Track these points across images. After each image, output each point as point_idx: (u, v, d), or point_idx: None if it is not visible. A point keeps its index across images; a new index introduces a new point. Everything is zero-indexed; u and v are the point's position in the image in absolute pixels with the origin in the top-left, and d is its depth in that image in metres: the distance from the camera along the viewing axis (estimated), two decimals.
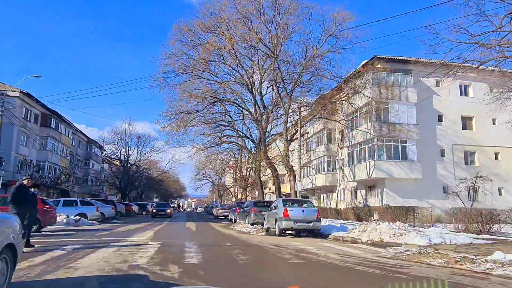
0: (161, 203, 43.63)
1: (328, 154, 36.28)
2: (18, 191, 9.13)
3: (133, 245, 10.13)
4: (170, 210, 34.88)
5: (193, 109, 25.19)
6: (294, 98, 24.42)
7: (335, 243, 12.30)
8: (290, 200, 16.82)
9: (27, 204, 9.27)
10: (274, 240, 12.78)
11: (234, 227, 18.99)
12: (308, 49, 23.33)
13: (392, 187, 27.24)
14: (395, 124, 27.04)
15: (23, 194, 9.21)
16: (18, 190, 9.14)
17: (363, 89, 25.36)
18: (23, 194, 9.23)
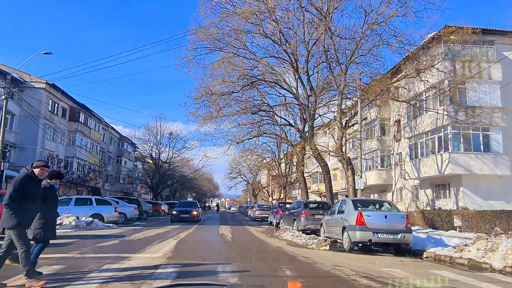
0: (184, 202, 29.67)
1: (382, 148, 31.32)
2: (21, 186, 5.32)
3: (133, 277, 6.20)
4: (196, 212, 23.87)
5: (228, 90, 21.23)
6: (350, 76, 19.85)
7: (450, 270, 7.82)
8: (361, 200, 12.40)
9: (35, 205, 5.54)
10: (352, 261, 8.48)
11: (281, 234, 14.81)
12: (368, 14, 18.69)
13: (470, 185, 22.01)
14: (475, 107, 21.74)
15: (28, 190, 5.39)
16: (21, 184, 5.34)
17: (432, 66, 20.31)
18: (29, 190, 5.40)
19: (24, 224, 5.33)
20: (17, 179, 5.38)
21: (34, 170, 5.57)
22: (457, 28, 19.76)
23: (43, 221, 6.03)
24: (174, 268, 6.80)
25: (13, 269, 5.82)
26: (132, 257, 8.13)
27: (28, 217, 5.40)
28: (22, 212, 5.25)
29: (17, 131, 31.08)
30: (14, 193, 5.22)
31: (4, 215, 5.26)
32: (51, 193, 6.32)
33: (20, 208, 5.22)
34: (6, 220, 5.24)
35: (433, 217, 20.12)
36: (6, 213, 5.21)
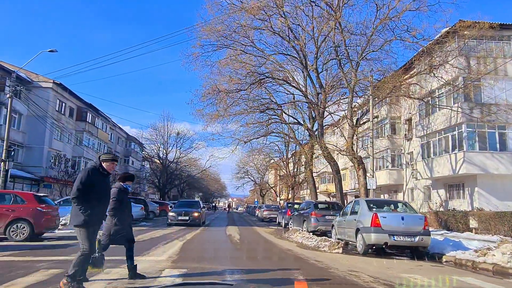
0: (184, 201, 23.81)
1: (392, 147, 30.64)
2: (89, 179, 4.83)
3: (134, 283, 5.79)
4: (198, 213, 19.44)
5: (235, 88, 20.77)
6: (360, 73, 19.27)
7: (475, 276, 7.27)
8: (376, 201, 11.85)
9: (103, 200, 5.11)
10: (369, 266, 7.96)
11: (290, 236, 14.31)
12: (380, 8, 18.10)
13: (486, 185, 21.26)
14: (491, 105, 20.99)
15: (96, 184, 4.89)
16: (89, 177, 4.85)
17: (446, 62, 19.61)
18: (97, 184, 4.90)
19: (92, 222, 4.80)
20: (84, 173, 4.91)
21: (102, 163, 5.08)
22: (472, 22, 19.06)
23: (120, 227, 5.84)
24: (179, 272, 6.37)
25: None
26: (135, 260, 7.70)
27: (96, 213, 4.88)
28: (91, 207, 4.76)
29: (25, 130, 31.03)
30: (82, 186, 4.74)
31: (73, 211, 4.84)
32: (126, 196, 6.04)
33: (88, 203, 4.75)
34: (74, 216, 4.81)
35: (448, 218, 19.43)
36: (75, 208, 4.80)
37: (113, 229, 5.78)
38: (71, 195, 4.85)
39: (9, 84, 20.57)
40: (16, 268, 6.46)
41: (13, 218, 10.69)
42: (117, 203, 5.77)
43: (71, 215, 4.91)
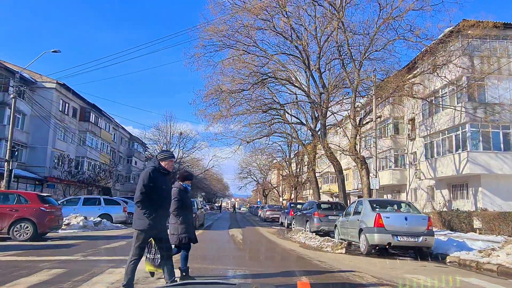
0: None
1: (395, 147, 30.53)
2: (151, 180, 4.66)
3: (137, 283, 5.77)
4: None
5: (238, 88, 20.76)
6: (363, 73, 19.22)
7: (479, 277, 7.22)
8: (379, 201, 11.79)
9: (166, 202, 5.01)
10: (372, 266, 7.92)
11: (293, 236, 14.29)
12: (383, 8, 18.04)
13: (490, 186, 21.14)
14: (494, 105, 20.87)
15: (158, 185, 4.73)
16: (151, 179, 4.66)
17: (450, 61, 19.52)
18: (159, 185, 4.74)
19: (155, 226, 4.64)
20: (145, 175, 4.67)
21: (161, 162, 4.88)
22: (476, 22, 18.96)
23: (185, 225, 5.70)
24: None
25: None
26: None
27: (160, 216, 4.72)
28: (154, 210, 4.61)
29: (28, 131, 31.17)
30: (145, 188, 4.56)
31: (136, 216, 4.68)
32: (186, 195, 5.99)
33: (151, 206, 4.59)
34: (138, 220, 4.64)
35: (451, 218, 19.34)
36: (138, 213, 4.63)
37: (179, 228, 5.66)
38: (135, 199, 4.64)
39: (13, 85, 20.65)
40: (20, 268, 6.48)
41: (17, 218, 10.73)
42: (179, 203, 5.72)
43: (134, 218, 4.75)
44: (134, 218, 4.77)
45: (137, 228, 4.68)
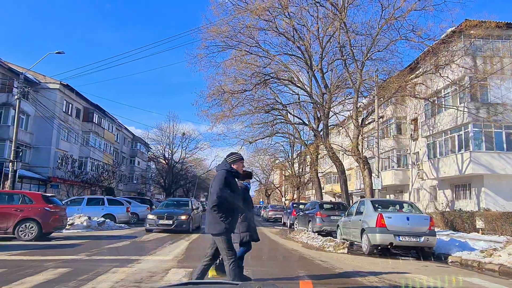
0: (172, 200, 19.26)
1: (398, 147, 30.52)
2: (227, 184, 4.64)
3: (140, 282, 5.88)
4: (187, 217, 14.64)
5: (240, 88, 20.86)
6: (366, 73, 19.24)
7: (480, 276, 7.25)
8: (381, 201, 11.83)
9: (239, 205, 4.95)
10: (374, 266, 7.97)
11: (295, 236, 14.34)
12: (385, 8, 18.07)
13: (493, 186, 21.11)
14: (497, 105, 20.85)
15: (232, 189, 4.74)
16: (227, 182, 4.65)
17: (452, 61, 19.51)
18: (233, 189, 4.76)
19: (231, 229, 4.68)
20: (220, 177, 4.62)
21: (232, 165, 4.80)
22: (479, 22, 18.96)
23: (247, 223, 5.67)
24: (185, 272, 6.44)
25: None
26: (142, 259, 7.81)
27: (234, 220, 4.76)
28: (230, 214, 4.61)
29: (32, 131, 31.37)
30: (222, 193, 4.51)
31: (211, 220, 4.61)
32: (247, 194, 5.98)
33: (227, 210, 4.58)
34: (214, 225, 4.57)
35: (454, 218, 19.34)
36: (213, 217, 4.57)
37: (241, 226, 5.57)
38: (211, 204, 4.58)
39: (17, 86, 20.80)
40: (25, 267, 6.57)
41: (22, 218, 10.84)
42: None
43: (208, 223, 4.69)
44: (208, 223, 4.69)
45: (214, 232, 4.62)
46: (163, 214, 14.43)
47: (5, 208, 10.92)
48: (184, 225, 14.34)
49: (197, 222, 16.60)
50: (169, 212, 14.77)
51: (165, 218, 14.22)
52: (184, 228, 14.31)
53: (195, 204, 17.36)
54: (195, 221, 16.00)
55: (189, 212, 15.00)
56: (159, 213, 14.69)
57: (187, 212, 14.98)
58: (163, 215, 14.38)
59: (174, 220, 14.18)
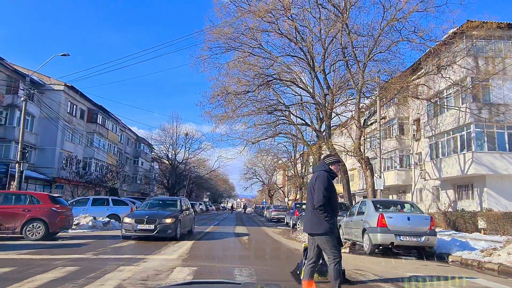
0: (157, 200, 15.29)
1: (400, 148, 30.60)
2: (330, 185, 4.77)
3: (147, 279, 6.05)
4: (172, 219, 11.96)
5: (243, 89, 21.04)
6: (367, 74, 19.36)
7: (479, 275, 7.38)
8: (382, 201, 11.97)
9: (337, 206, 5.04)
10: (374, 265, 8.11)
11: (298, 236, 14.52)
12: (387, 9, 18.18)
13: (495, 186, 21.18)
14: (499, 105, 20.92)
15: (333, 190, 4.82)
16: (329, 183, 4.78)
17: (454, 62, 19.59)
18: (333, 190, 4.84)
19: (335, 229, 4.70)
20: (324, 178, 4.72)
21: (330, 166, 4.87)
22: (480, 23, 19.04)
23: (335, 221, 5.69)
24: (189, 270, 6.61)
25: None
26: (147, 258, 8.00)
27: (335, 220, 4.79)
28: (334, 214, 4.69)
29: (37, 132, 31.71)
30: (327, 193, 4.60)
31: (314, 220, 4.66)
32: None
33: (331, 210, 4.64)
34: (317, 225, 4.62)
35: (456, 218, 19.40)
36: (317, 217, 4.62)
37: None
38: (316, 204, 4.59)
39: (23, 88, 21.07)
40: (34, 266, 6.77)
41: (29, 218, 11.07)
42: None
43: (311, 223, 4.72)
44: (310, 222, 4.73)
45: (319, 232, 4.65)
46: (143, 217, 11.71)
47: (13, 209, 11.16)
48: (170, 230, 11.61)
49: (187, 226, 13.84)
50: (151, 214, 12.05)
51: (146, 222, 11.54)
52: (169, 234, 11.61)
53: (186, 204, 14.56)
54: (185, 225, 13.38)
55: (176, 214, 12.30)
56: (138, 216, 11.93)
57: (174, 214, 12.23)
58: (143, 218, 11.68)
59: (156, 224, 11.50)
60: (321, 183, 4.66)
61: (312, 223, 4.71)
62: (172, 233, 11.70)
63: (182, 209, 13.30)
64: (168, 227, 11.60)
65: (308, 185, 5.00)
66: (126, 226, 11.69)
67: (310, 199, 4.77)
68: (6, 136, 28.16)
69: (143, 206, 14.06)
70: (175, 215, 12.16)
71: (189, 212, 14.37)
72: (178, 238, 11.92)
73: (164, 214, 12.03)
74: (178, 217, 12.14)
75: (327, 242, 4.60)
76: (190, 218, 14.41)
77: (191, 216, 14.86)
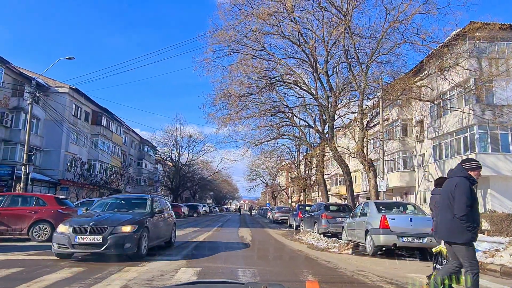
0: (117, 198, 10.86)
1: (404, 149, 30.57)
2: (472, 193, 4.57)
3: (152, 280, 6.17)
4: (132, 227, 7.84)
5: (246, 91, 21.19)
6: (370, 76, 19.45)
7: (481, 276, 7.39)
8: (385, 203, 12.02)
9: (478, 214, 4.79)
10: (377, 266, 8.20)
11: (301, 237, 14.58)
12: (389, 11, 18.25)
13: (499, 187, 21.14)
14: (503, 106, 20.90)
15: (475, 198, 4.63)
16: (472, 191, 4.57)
17: (457, 64, 19.64)
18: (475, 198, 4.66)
19: (476, 238, 4.56)
20: (466, 187, 4.50)
21: (470, 172, 4.66)
22: (483, 24, 19.08)
23: None
24: (194, 271, 6.71)
25: None
26: (152, 259, 8.11)
27: (477, 229, 4.60)
28: (476, 223, 4.51)
29: (42, 134, 31.99)
30: (470, 203, 4.42)
31: (454, 228, 4.46)
32: None
33: (473, 219, 4.46)
34: (459, 234, 4.41)
35: None
36: (458, 225, 4.41)
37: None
38: (458, 214, 4.39)
39: (29, 91, 21.32)
40: (42, 266, 6.91)
41: (36, 220, 11.23)
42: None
43: (451, 231, 4.54)
44: (449, 230, 4.57)
45: (459, 241, 4.47)
46: (86, 225, 7.75)
47: (20, 210, 11.33)
48: (128, 243, 7.66)
49: (163, 235, 9.94)
50: (99, 220, 7.99)
51: (90, 231, 7.59)
52: (127, 250, 7.67)
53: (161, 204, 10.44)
54: (159, 234, 9.48)
55: (141, 219, 8.40)
56: (79, 223, 7.92)
57: (137, 219, 8.29)
58: (86, 225, 7.71)
59: (106, 235, 7.53)
60: (462, 192, 4.45)
61: (451, 231, 4.54)
62: (132, 248, 7.71)
63: (153, 211, 9.25)
64: (125, 238, 7.62)
65: (445, 190, 4.79)
66: (60, 239, 7.69)
67: (447, 205, 4.58)
68: (12, 138, 28.43)
69: (97, 207, 9.86)
70: (138, 221, 8.19)
71: (166, 216, 10.28)
72: (144, 254, 8.13)
73: (121, 219, 8.09)
74: (144, 224, 8.27)
75: (468, 252, 4.44)
76: (167, 224, 10.37)
77: (170, 220, 10.87)
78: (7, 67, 27.26)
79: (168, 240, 10.53)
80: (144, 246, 8.20)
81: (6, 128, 28.16)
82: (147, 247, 8.39)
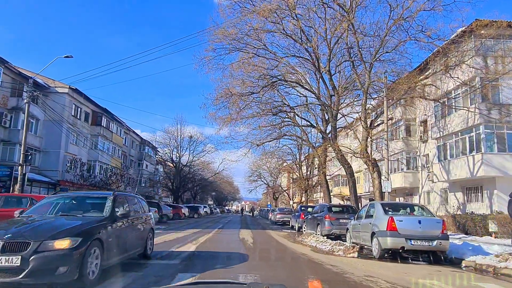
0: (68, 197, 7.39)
1: (407, 149, 30.15)
2: None
3: (148, 285, 5.78)
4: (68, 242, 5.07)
5: (248, 91, 20.81)
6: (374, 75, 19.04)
7: (497, 282, 7.01)
8: (391, 204, 11.61)
9: None
10: (385, 271, 7.77)
11: (304, 240, 14.17)
12: (393, 8, 17.85)
13: (506, 188, 20.50)
14: (510, 105, 20.46)
15: None
16: None
17: (463, 62, 19.23)
18: None
19: None
20: None
21: None
22: (489, 21, 18.64)
23: None
24: (192, 277, 6.32)
25: None
26: (149, 263, 7.73)
27: None
28: None
29: (42, 135, 31.66)
30: None
31: None
32: None
33: None
34: None
35: (466, 221, 18.98)
36: None
37: None
38: None
39: (27, 90, 20.99)
40: None
41: None
42: None
43: None
44: None
45: None
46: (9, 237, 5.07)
47: (14, 211, 10.93)
48: (63, 266, 5.03)
49: (131, 247, 7.36)
50: (19, 231, 5.33)
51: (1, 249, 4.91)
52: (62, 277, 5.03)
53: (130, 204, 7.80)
54: (124, 246, 6.90)
55: (89, 227, 5.82)
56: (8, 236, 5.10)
57: (82, 229, 5.68)
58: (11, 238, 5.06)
59: (27, 254, 4.91)
60: None
61: None
62: (70, 273, 5.09)
63: (113, 215, 6.63)
64: (58, 259, 5.03)
65: None
66: None
67: None
68: (10, 139, 28.12)
69: (35, 209, 7.07)
70: (84, 230, 5.61)
71: (136, 221, 7.72)
72: (93, 281, 5.49)
73: (56, 229, 5.45)
74: (93, 234, 5.71)
75: None
76: (139, 230, 7.82)
77: (145, 226, 8.20)
78: (5, 67, 26.94)
79: (142, 252, 7.95)
80: (93, 269, 5.48)
81: (4, 129, 27.85)
82: (99, 269, 5.63)
